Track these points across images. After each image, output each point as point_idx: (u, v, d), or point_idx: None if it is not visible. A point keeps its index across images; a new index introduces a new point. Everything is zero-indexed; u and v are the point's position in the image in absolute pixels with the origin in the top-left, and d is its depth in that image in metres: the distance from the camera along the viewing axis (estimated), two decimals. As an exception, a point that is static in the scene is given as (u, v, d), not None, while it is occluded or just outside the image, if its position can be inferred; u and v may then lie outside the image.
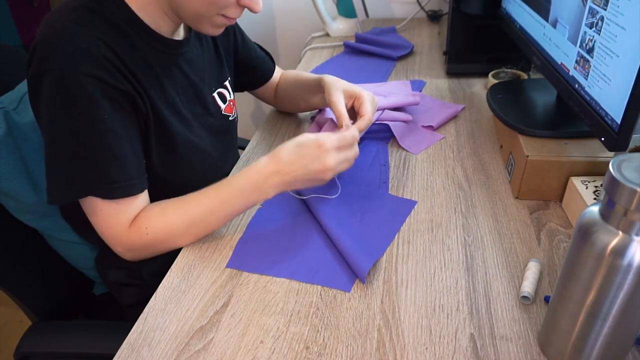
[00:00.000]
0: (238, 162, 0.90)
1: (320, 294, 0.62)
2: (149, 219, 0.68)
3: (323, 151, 0.67)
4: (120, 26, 0.67)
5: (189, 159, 0.78)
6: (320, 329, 0.57)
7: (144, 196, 0.70)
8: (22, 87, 0.84)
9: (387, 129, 0.93)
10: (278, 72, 1.06)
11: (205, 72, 0.84)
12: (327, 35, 1.54)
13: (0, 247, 0.80)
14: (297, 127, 1.01)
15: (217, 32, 0.73)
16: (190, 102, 0.80)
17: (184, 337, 0.58)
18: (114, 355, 0.56)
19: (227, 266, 0.67)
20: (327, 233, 0.70)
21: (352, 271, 0.64)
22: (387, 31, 1.47)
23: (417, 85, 1.14)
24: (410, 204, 0.76)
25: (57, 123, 0.64)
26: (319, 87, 0.88)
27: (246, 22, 1.81)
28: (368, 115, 0.79)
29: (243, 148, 0.96)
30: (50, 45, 0.62)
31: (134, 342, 0.57)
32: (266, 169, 0.68)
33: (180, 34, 0.79)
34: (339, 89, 0.82)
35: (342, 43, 1.41)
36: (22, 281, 0.83)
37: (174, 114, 0.75)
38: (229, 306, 0.61)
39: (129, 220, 0.68)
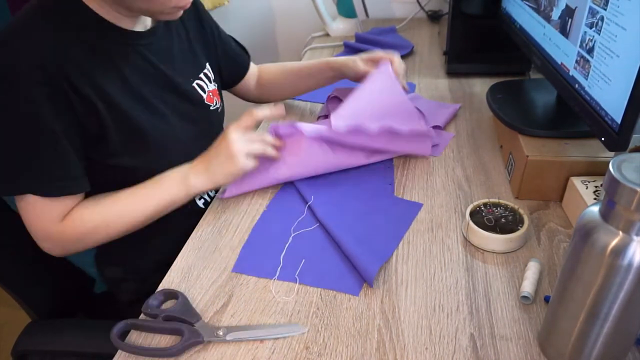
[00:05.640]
0: None
1: (321, 294, 0.62)
2: (84, 211, 0.72)
3: (226, 130, 0.74)
4: (77, 24, 0.69)
5: (162, 146, 0.77)
6: (320, 329, 0.57)
7: (81, 197, 0.73)
8: None
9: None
10: (254, 67, 1.06)
11: (177, 62, 0.83)
12: (327, 35, 1.54)
13: (1, 245, 0.80)
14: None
15: (175, 17, 0.74)
16: (162, 91, 0.79)
17: (184, 337, 0.58)
18: (110, 354, 0.56)
19: (233, 271, 0.66)
20: (333, 236, 0.70)
21: (359, 275, 0.64)
22: (387, 31, 1.47)
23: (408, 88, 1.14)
24: (416, 207, 0.76)
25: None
26: (328, 70, 0.98)
27: (246, 22, 1.81)
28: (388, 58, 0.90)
29: None
30: (2, 42, 0.65)
31: (134, 341, 0.57)
32: (188, 165, 0.76)
33: (146, 25, 0.79)
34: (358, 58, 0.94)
35: (342, 43, 1.41)
36: (23, 279, 0.83)
37: (139, 104, 0.75)
38: (229, 306, 0.61)
39: (60, 216, 0.71)
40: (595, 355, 0.48)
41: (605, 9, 0.61)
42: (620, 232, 0.42)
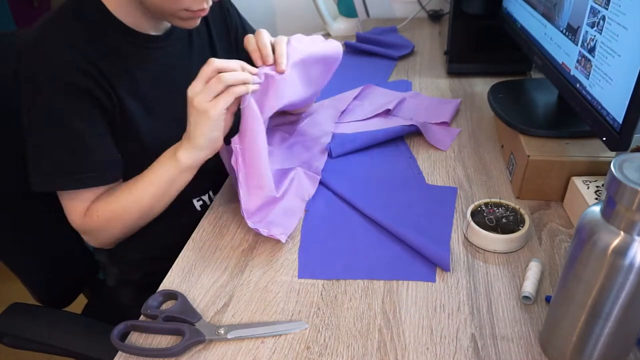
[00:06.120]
0: None
1: (321, 294, 0.62)
2: (97, 203, 0.74)
3: (188, 89, 0.68)
4: (96, 25, 0.72)
5: (157, 152, 0.76)
6: (321, 329, 0.57)
7: (104, 187, 0.75)
8: None
9: (401, 129, 0.92)
10: None
11: (194, 66, 0.81)
12: (328, 35, 1.54)
13: (14, 228, 0.82)
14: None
15: (190, 24, 0.74)
16: (169, 95, 0.79)
17: (184, 337, 0.58)
18: (75, 352, 0.56)
19: (299, 277, 0.65)
20: (388, 229, 0.70)
21: (428, 262, 0.65)
22: (388, 31, 1.47)
23: (404, 86, 1.14)
24: (452, 190, 0.78)
25: (29, 118, 0.70)
26: None
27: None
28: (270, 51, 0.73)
29: None
30: (27, 49, 0.68)
31: (135, 341, 0.57)
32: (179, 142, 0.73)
33: (162, 30, 0.80)
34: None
35: (342, 43, 1.40)
36: (27, 262, 0.85)
37: (142, 108, 0.77)
38: (230, 306, 0.61)
39: (84, 210, 0.74)
40: (596, 356, 0.48)
41: (606, 9, 0.61)
42: (622, 232, 0.42)
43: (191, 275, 0.66)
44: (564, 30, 0.73)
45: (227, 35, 0.92)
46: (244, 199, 0.70)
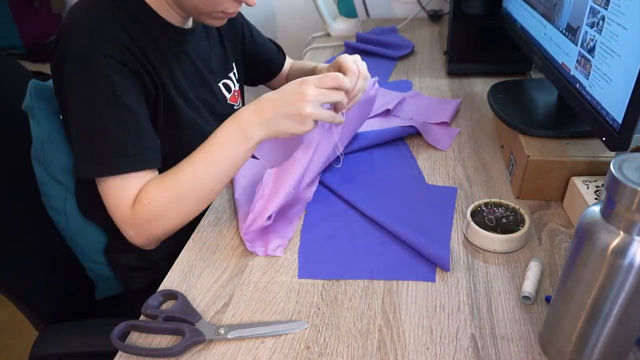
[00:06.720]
0: None
1: (321, 294, 0.62)
2: (148, 189, 0.70)
3: (303, 84, 0.67)
4: (135, 14, 0.75)
5: (194, 139, 0.76)
6: (321, 329, 0.57)
7: (154, 173, 0.73)
8: None
9: (400, 131, 0.92)
10: (288, 63, 1.11)
11: (212, 62, 0.89)
12: (328, 35, 1.54)
13: (6, 251, 0.80)
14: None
15: (219, 23, 0.79)
16: (197, 88, 0.84)
17: (185, 337, 0.58)
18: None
19: (299, 277, 0.65)
20: (388, 229, 0.70)
21: (428, 262, 0.65)
22: (388, 31, 1.47)
23: (404, 86, 1.14)
24: (452, 190, 0.78)
25: (77, 98, 0.70)
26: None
27: (247, 22, 1.78)
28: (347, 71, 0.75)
29: None
30: (72, 26, 0.69)
31: (135, 341, 0.58)
32: (246, 109, 0.70)
33: (189, 24, 0.85)
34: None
35: (342, 43, 1.41)
36: (23, 286, 0.83)
37: (180, 96, 0.80)
38: (230, 306, 0.61)
39: (133, 198, 0.70)
40: (596, 356, 0.48)
41: (606, 9, 0.61)
42: (621, 232, 0.42)
43: (191, 275, 0.66)
44: (564, 31, 0.73)
45: (233, 31, 0.96)
46: (248, 223, 0.69)
